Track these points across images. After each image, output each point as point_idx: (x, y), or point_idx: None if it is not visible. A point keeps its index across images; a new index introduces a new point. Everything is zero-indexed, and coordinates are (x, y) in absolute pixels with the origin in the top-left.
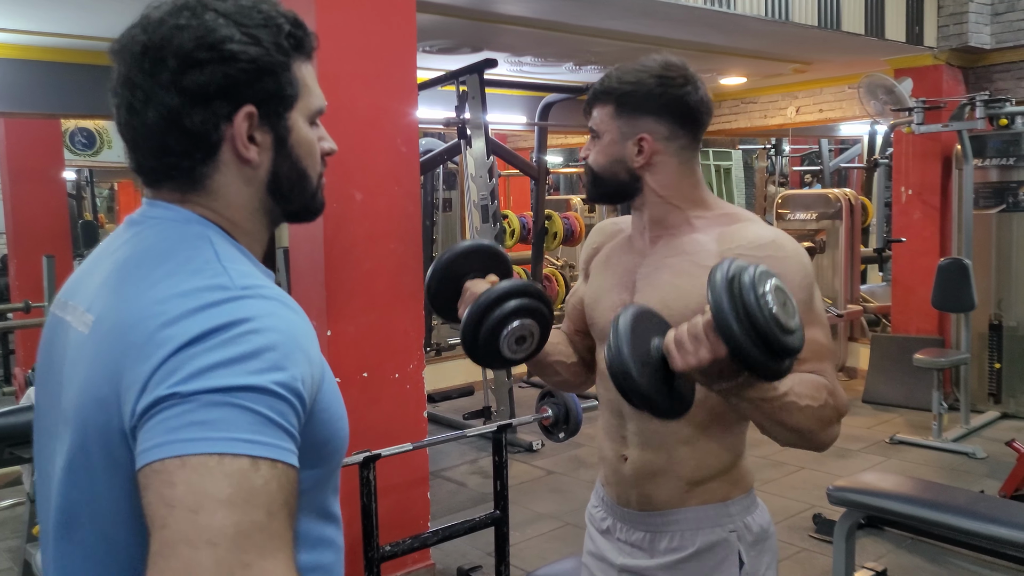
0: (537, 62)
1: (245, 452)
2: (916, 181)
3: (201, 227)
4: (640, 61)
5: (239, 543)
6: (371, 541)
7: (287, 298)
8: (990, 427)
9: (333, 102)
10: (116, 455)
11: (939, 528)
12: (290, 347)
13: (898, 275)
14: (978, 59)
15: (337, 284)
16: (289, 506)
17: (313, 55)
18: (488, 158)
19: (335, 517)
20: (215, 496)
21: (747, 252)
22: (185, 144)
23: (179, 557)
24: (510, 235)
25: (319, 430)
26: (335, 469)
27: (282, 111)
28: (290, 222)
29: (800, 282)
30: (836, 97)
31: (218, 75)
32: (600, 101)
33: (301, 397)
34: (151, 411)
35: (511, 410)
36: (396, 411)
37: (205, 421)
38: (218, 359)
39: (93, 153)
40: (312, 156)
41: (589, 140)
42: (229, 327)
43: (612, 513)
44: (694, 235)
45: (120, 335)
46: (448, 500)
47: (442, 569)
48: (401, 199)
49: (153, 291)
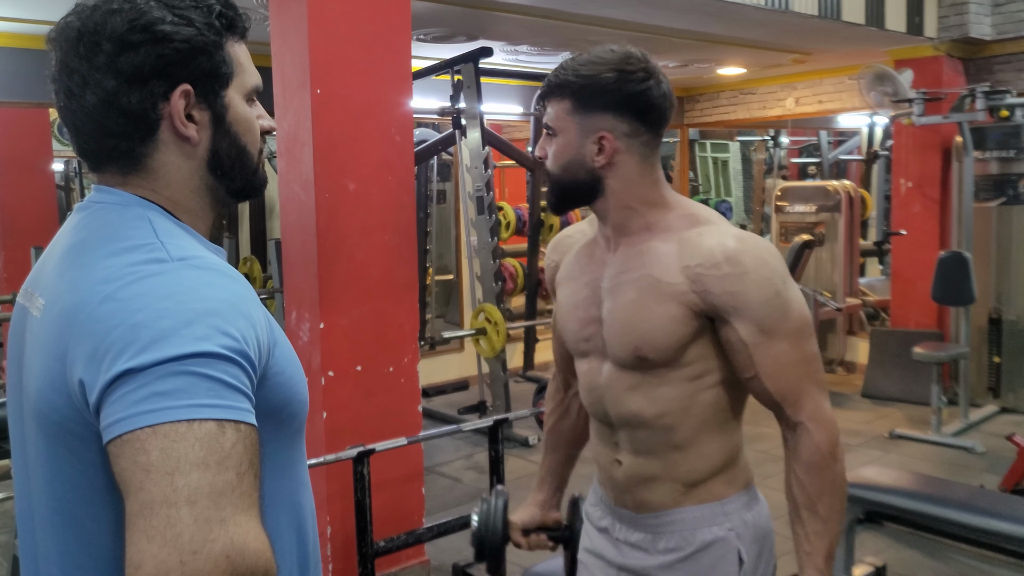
0: (533, 51)
1: (210, 416)
2: (916, 173)
3: (141, 208)
4: (596, 52)
5: (215, 500)
6: (365, 537)
7: (225, 266)
8: (989, 421)
9: (325, 91)
10: (79, 432)
11: (940, 523)
12: (230, 312)
13: (897, 268)
14: (979, 50)
15: (330, 276)
16: (254, 467)
17: (246, 35)
18: (483, 149)
19: (303, 482)
20: (189, 459)
21: (705, 272)
22: (124, 125)
23: (159, 516)
24: (505, 227)
25: (275, 393)
26: (297, 432)
27: (218, 89)
28: (234, 200)
29: (762, 299)
30: (836, 88)
31: (152, 56)
32: (555, 95)
33: (250, 359)
34: (110, 387)
35: (507, 405)
36: (390, 405)
37: (166, 391)
38: (162, 329)
39: None
40: (251, 133)
41: (544, 138)
42: (168, 297)
43: (610, 513)
44: (653, 243)
45: (67, 317)
46: (443, 496)
47: (437, 565)
48: (395, 189)
49: (94, 271)
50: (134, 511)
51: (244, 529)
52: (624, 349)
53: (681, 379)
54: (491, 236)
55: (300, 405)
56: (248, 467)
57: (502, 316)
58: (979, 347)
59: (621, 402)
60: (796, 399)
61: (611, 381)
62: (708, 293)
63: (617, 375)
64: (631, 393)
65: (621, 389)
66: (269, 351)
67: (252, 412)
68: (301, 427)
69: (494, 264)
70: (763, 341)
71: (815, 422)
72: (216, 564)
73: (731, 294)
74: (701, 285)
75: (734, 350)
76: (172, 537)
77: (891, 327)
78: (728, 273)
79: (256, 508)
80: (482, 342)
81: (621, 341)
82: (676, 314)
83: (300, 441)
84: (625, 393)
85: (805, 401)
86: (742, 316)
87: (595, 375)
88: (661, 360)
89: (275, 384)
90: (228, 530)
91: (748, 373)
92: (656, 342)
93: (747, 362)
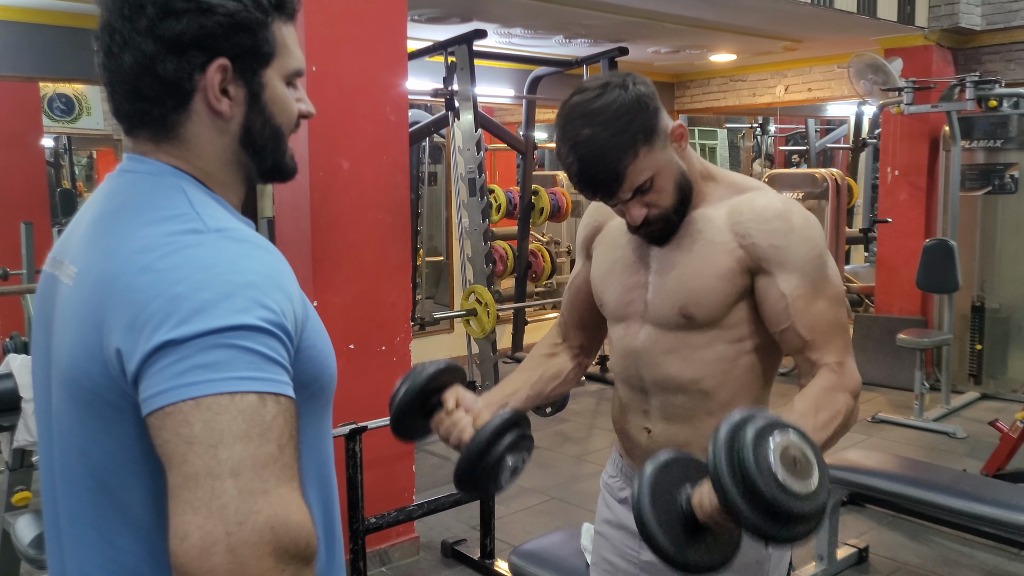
0: (527, 34)
1: (252, 389)
2: (903, 162)
3: (175, 178)
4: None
5: (258, 472)
6: (356, 513)
7: (261, 238)
8: (970, 407)
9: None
10: (113, 402)
11: (922, 506)
12: (268, 285)
13: (883, 256)
14: (968, 40)
15: (323, 254)
16: (294, 439)
17: (295, 17)
18: (476, 131)
19: (329, 456)
20: (232, 431)
21: (755, 226)
22: (158, 90)
23: (203, 487)
24: (496, 210)
25: (307, 367)
26: (325, 406)
27: (257, 67)
28: (264, 181)
29: (806, 255)
30: (825, 76)
31: (194, 25)
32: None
33: (287, 332)
34: (151, 359)
35: (495, 381)
36: (383, 383)
37: (207, 364)
38: (202, 301)
39: (72, 119)
40: (287, 115)
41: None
42: (207, 268)
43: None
44: (704, 209)
45: (103, 286)
46: (432, 474)
47: (426, 543)
48: (389, 169)
49: (131, 241)
50: (178, 483)
51: (287, 500)
52: (670, 309)
53: (721, 341)
54: (482, 218)
55: (329, 379)
56: (288, 439)
57: (492, 298)
58: (962, 334)
59: (658, 365)
60: (825, 346)
61: (649, 344)
62: (755, 246)
63: (657, 337)
64: (670, 356)
65: (659, 352)
66: (303, 324)
67: (291, 385)
68: (329, 401)
69: (485, 246)
70: (802, 295)
71: (842, 368)
72: (261, 535)
73: (776, 247)
74: (749, 239)
75: (772, 303)
76: (217, 508)
77: (875, 313)
78: (776, 228)
79: (297, 480)
80: (472, 323)
81: (667, 301)
82: (724, 272)
83: (328, 415)
84: (663, 356)
85: (834, 351)
86: (784, 267)
87: (632, 339)
88: (706, 319)
89: (307, 357)
90: (271, 501)
91: (783, 324)
92: (703, 299)
93: (783, 315)
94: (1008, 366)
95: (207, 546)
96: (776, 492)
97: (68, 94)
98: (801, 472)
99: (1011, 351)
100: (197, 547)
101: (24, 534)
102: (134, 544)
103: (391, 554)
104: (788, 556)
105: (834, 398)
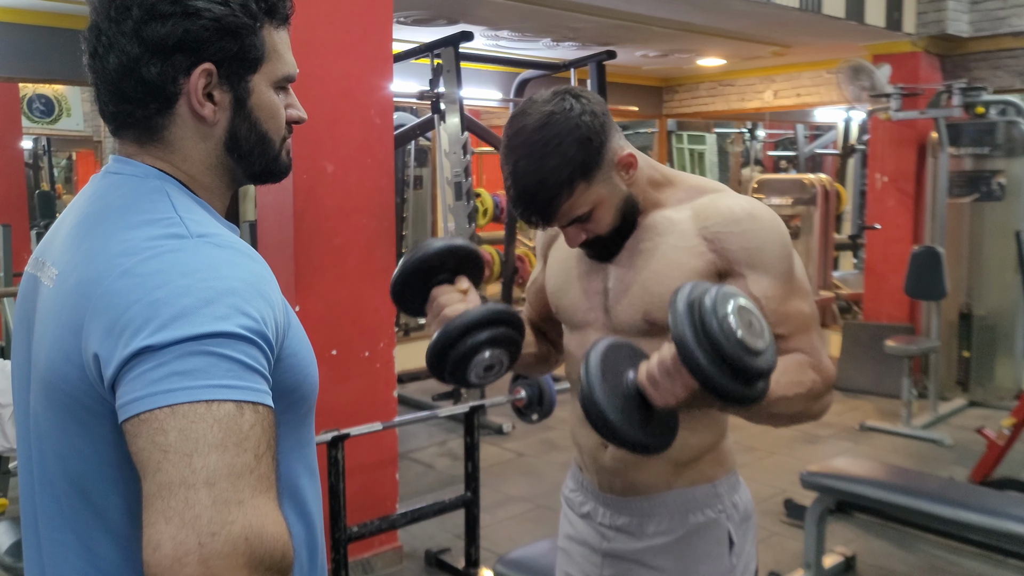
0: (514, 37)
1: (229, 398)
2: (891, 168)
3: (159, 181)
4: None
5: (233, 482)
6: (338, 522)
7: (244, 245)
8: (958, 415)
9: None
10: (90, 406)
11: (910, 514)
12: (249, 292)
13: (871, 262)
14: (955, 47)
15: (306, 259)
16: (271, 449)
17: (288, 22)
18: (462, 134)
19: (309, 466)
20: (208, 440)
21: (724, 229)
22: (141, 93)
23: (177, 497)
24: (483, 214)
25: (288, 375)
26: (306, 416)
27: (243, 73)
28: (254, 183)
29: (780, 252)
30: (814, 82)
31: (179, 29)
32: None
33: (268, 340)
34: (128, 364)
35: (481, 391)
36: (366, 390)
37: (185, 371)
38: (182, 307)
39: (52, 121)
40: (274, 120)
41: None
42: (188, 274)
43: (593, 498)
44: (664, 212)
45: (83, 289)
46: (416, 482)
47: (409, 552)
48: (374, 172)
49: (112, 244)
50: (152, 492)
51: (262, 511)
52: (633, 316)
53: None
54: (469, 222)
55: (311, 387)
56: (266, 449)
57: None
58: (949, 341)
59: None
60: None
61: None
62: (726, 250)
63: None
64: None
65: None
66: (284, 332)
67: (269, 394)
68: (310, 410)
69: None
70: (775, 295)
71: (815, 354)
72: (235, 546)
73: (748, 250)
74: (720, 242)
75: None
76: (191, 518)
77: (863, 320)
78: (747, 229)
79: (274, 491)
80: None
81: (630, 308)
82: (691, 275)
83: (310, 423)
84: None
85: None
86: (756, 269)
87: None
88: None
89: (288, 366)
90: (246, 512)
91: None
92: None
93: None
94: (995, 373)
95: (179, 556)
96: (740, 351)
97: (48, 95)
98: (756, 333)
99: (998, 358)
100: (169, 557)
101: (1, 541)
102: (112, 550)
103: (374, 563)
104: (754, 565)
105: (803, 371)
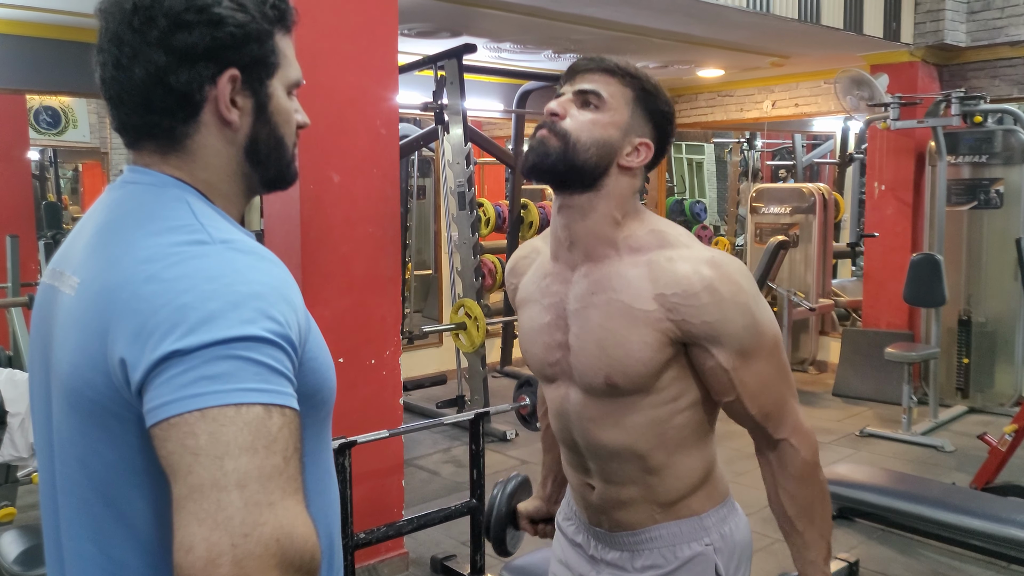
0: (516, 49)
1: (258, 401)
2: (890, 177)
3: (178, 190)
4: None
5: (264, 484)
6: (345, 528)
7: (265, 250)
8: (958, 421)
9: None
10: (115, 411)
11: (913, 520)
12: (274, 296)
13: (870, 270)
14: (953, 56)
15: (313, 267)
16: (298, 451)
17: (292, 29)
18: (465, 145)
19: (328, 469)
20: (238, 443)
21: (683, 302)
22: (169, 102)
23: (209, 499)
24: (485, 224)
25: (309, 379)
26: (325, 419)
27: (264, 78)
28: (266, 190)
29: (740, 324)
30: (812, 92)
31: (206, 37)
32: (617, 76)
33: (292, 344)
34: (156, 369)
35: (485, 399)
36: (372, 397)
37: (214, 375)
38: (209, 311)
39: (58, 132)
40: (289, 125)
41: (573, 101)
42: (214, 279)
43: (584, 529)
44: (621, 265)
45: (107, 295)
46: (421, 489)
47: (415, 558)
48: (380, 182)
49: (136, 251)
50: (183, 494)
51: (292, 513)
52: (594, 377)
53: (654, 405)
54: (472, 232)
55: (330, 392)
56: (293, 451)
57: (482, 311)
58: (948, 348)
59: (590, 431)
60: (779, 416)
61: (579, 408)
62: (685, 323)
63: (586, 403)
64: (601, 422)
65: (588, 418)
66: (306, 337)
67: (295, 397)
68: (329, 414)
69: (474, 260)
70: (743, 364)
71: (798, 436)
72: (267, 547)
73: (710, 324)
74: (678, 315)
75: (713, 375)
76: (223, 520)
77: (863, 327)
78: (707, 303)
79: (301, 492)
80: (462, 337)
81: (591, 368)
82: (650, 341)
83: (327, 428)
84: (594, 422)
85: (786, 417)
86: (722, 344)
87: (563, 401)
88: (633, 388)
89: (309, 370)
90: (277, 513)
91: (729, 396)
92: (628, 370)
93: (727, 386)
94: (995, 379)
95: (213, 558)
96: None
97: (54, 107)
98: None
99: (998, 364)
100: (203, 559)
101: (9, 550)
102: (135, 557)
103: (380, 570)
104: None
105: (811, 485)
